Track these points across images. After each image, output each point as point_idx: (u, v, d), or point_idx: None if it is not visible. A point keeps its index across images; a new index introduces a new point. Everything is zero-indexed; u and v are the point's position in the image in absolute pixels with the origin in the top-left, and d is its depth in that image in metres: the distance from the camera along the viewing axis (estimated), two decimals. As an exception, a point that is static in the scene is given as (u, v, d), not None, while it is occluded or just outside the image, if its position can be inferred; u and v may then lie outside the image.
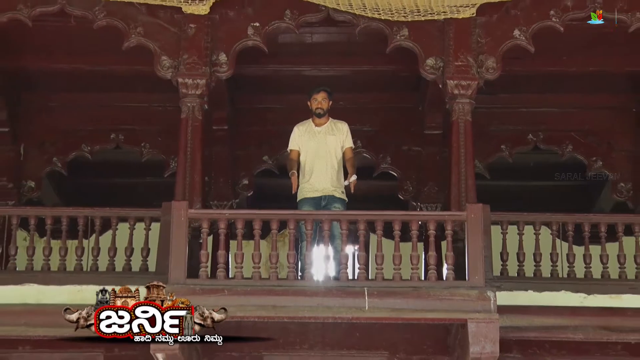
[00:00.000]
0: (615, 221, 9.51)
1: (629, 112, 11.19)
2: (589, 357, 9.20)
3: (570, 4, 9.30)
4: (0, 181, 10.98)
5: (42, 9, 9.35)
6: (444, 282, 8.63)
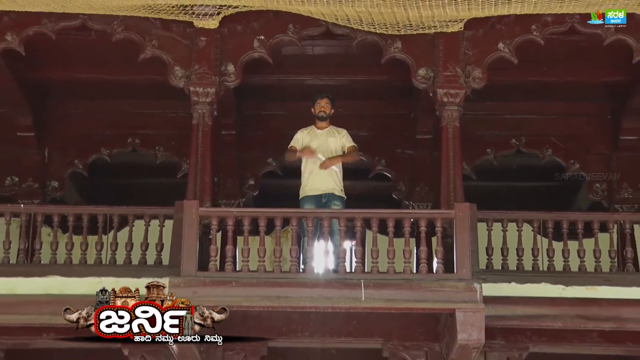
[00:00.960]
0: (591, 219, 9.51)
1: (604, 118, 11.19)
2: (567, 343, 9.23)
3: (550, 20, 9.28)
4: (27, 182, 11.01)
5: (65, 24, 9.33)
6: (434, 274, 8.63)
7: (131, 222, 9.49)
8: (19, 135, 11.05)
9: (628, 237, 9.33)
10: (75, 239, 9.24)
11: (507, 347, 9.08)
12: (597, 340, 9.12)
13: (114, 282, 8.83)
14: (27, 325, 8.96)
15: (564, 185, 12.02)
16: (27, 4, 8.94)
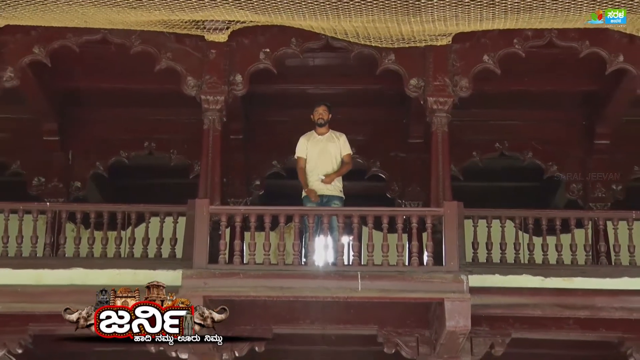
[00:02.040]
0: (568, 216, 9.53)
1: (580, 124, 11.17)
2: (546, 330, 9.21)
3: (531, 34, 9.27)
4: (52, 182, 11.00)
5: (88, 38, 9.34)
6: (425, 267, 8.63)
7: (147, 218, 9.49)
8: (45, 140, 11.04)
9: (602, 233, 9.34)
10: (96, 234, 9.25)
11: (491, 333, 9.06)
12: (574, 327, 9.12)
13: (131, 274, 8.87)
14: (52, 313, 8.91)
15: (543, 185, 12.02)
16: (53, 19, 8.93)
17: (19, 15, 8.79)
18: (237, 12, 8.78)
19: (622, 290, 8.80)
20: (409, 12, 8.59)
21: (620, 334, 9.13)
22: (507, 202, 11.12)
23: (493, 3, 8.46)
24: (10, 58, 9.40)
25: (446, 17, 8.74)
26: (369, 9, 8.51)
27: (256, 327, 9.09)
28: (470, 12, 8.62)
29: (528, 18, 8.75)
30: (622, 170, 11.01)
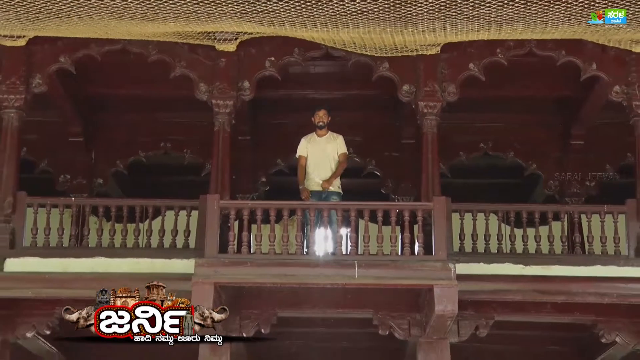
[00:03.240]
0: (546, 210, 9.52)
1: (557, 127, 11.16)
2: (526, 313, 9.21)
3: (512, 44, 9.27)
4: (77, 179, 11.01)
5: (109, 47, 9.33)
6: (416, 256, 8.62)
7: (163, 212, 9.48)
8: (70, 141, 11.04)
9: (576, 225, 9.35)
10: (117, 226, 9.25)
11: (476, 316, 9.04)
12: (551, 310, 9.11)
13: (149, 263, 8.87)
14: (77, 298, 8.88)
15: (523, 182, 12.00)
16: (77, 31, 8.93)
17: (47, 27, 8.80)
18: (245, 24, 8.78)
19: (595, 277, 8.78)
20: (402, 24, 8.59)
21: (593, 317, 9.11)
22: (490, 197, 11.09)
23: (478, 16, 8.45)
24: (39, 66, 9.39)
25: (435, 29, 8.73)
26: (365, 21, 8.51)
27: (262, 311, 9.07)
28: (457, 24, 8.62)
29: (510, 29, 8.74)
30: (595, 168, 11.00)
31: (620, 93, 9.29)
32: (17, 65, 9.31)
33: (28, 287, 8.74)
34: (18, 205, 9.10)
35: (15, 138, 9.28)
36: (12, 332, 9.05)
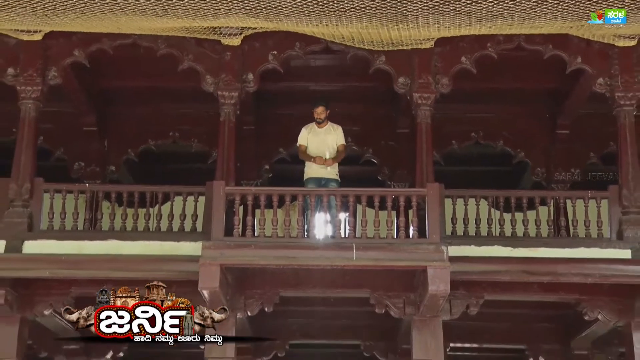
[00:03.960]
0: (534, 195, 9.52)
1: (544, 117, 11.15)
2: (514, 293, 9.22)
3: (502, 39, 9.25)
4: (90, 166, 10.99)
5: (120, 42, 9.31)
6: (411, 239, 8.62)
7: (172, 198, 9.48)
8: (84, 130, 11.03)
9: (562, 210, 9.32)
10: (128, 211, 9.23)
11: (468, 295, 9.06)
12: (538, 290, 9.13)
13: (159, 245, 8.88)
14: (91, 278, 8.97)
15: (512, 169, 12.00)
16: (90, 26, 8.91)
17: (62, 22, 8.78)
18: (249, 20, 8.75)
19: (579, 259, 8.79)
20: (397, 19, 8.57)
21: (577, 296, 9.13)
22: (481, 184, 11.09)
23: (470, 12, 8.43)
24: (54, 60, 9.38)
25: (429, 24, 8.70)
26: (362, 17, 8.49)
27: (265, 290, 9.09)
28: (450, 20, 8.59)
29: (500, 25, 8.72)
30: (579, 156, 10.99)
31: (603, 85, 9.28)
32: (34, 59, 9.30)
33: (45, 267, 8.76)
34: (35, 190, 9.11)
35: (32, 127, 9.27)
36: (30, 310, 9.07)
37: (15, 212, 8.99)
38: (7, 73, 9.34)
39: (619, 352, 10.56)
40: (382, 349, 11.15)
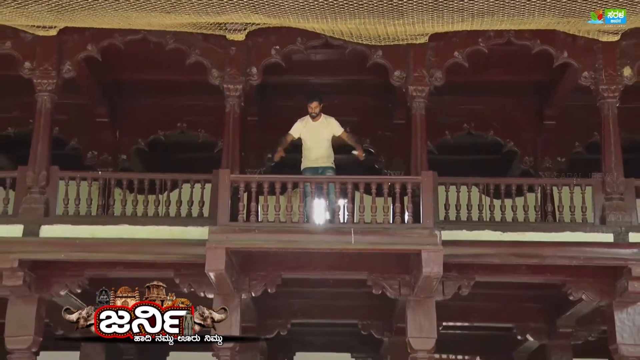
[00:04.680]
0: (522, 182, 9.56)
1: (532, 108, 11.11)
2: (504, 274, 9.23)
3: (493, 34, 9.22)
4: (103, 155, 10.99)
5: (131, 37, 9.28)
6: (406, 224, 8.64)
7: (180, 185, 9.48)
8: (97, 121, 11.01)
9: (548, 196, 9.36)
10: (139, 197, 9.23)
11: (459, 277, 9.07)
12: (525, 272, 9.14)
13: (167, 230, 8.89)
14: (104, 261, 9.01)
15: (502, 158, 11.99)
16: (103, 22, 8.89)
17: (76, 18, 8.76)
18: (253, 16, 8.74)
19: (564, 242, 8.80)
20: (393, 16, 8.56)
21: (562, 277, 9.14)
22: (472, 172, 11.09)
23: (462, 9, 8.42)
24: (68, 54, 9.35)
25: (424, 20, 8.69)
26: (360, 13, 8.47)
27: (268, 272, 9.11)
28: (443, 16, 8.59)
29: (490, 21, 8.70)
30: (565, 146, 10.99)
31: (588, 78, 9.26)
32: (50, 53, 9.28)
33: (61, 250, 8.77)
34: (51, 178, 9.11)
35: (48, 118, 9.27)
36: (47, 290, 9.09)
37: (32, 198, 8.99)
38: (24, 67, 9.31)
39: (601, 330, 10.59)
40: (378, 327, 11.19)
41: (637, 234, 8.81)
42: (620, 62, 9.19)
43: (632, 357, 8.80)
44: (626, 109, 9.60)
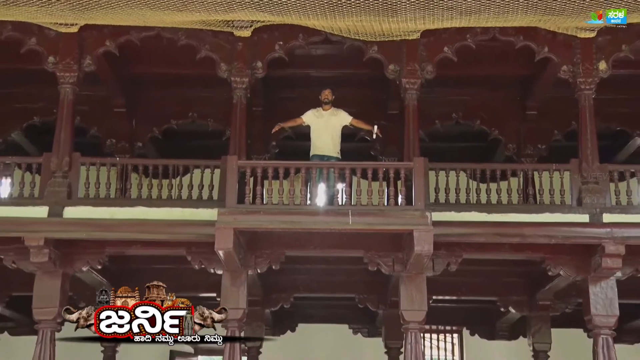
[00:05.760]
0: (506, 168, 9.61)
1: (515, 100, 11.07)
2: (488, 252, 9.24)
3: (479, 31, 9.20)
4: (120, 142, 10.98)
5: (146, 34, 9.26)
6: (399, 206, 8.66)
7: (191, 170, 9.48)
8: (115, 111, 10.99)
9: (530, 180, 9.35)
10: (153, 182, 9.24)
11: (448, 255, 9.08)
12: (509, 249, 9.15)
13: (180, 211, 8.89)
14: (122, 240, 9.03)
15: (487, 145, 11.99)
16: (120, 20, 8.88)
17: (95, 16, 8.77)
18: (258, 14, 8.72)
19: (544, 222, 8.82)
20: (388, 14, 8.54)
21: (542, 254, 9.16)
22: (460, 158, 11.13)
23: (451, 7, 8.41)
24: (89, 49, 9.34)
25: (416, 18, 8.68)
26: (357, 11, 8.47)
27: (273, 251, 9.13)
28: (434, 14, 8.58)
29: (477, 19, 8.70)
30: (545, 134, 10.97)
31: (567, 72, 9.25)
32: (71, 49, 9.26)
33: (82, 230, 8.79)
34: (73, 163, 9.12)
35: (70, 109, 9.26)
36: (70, 266, 9.12)
37: (56, 182, 9.01)
38: (48, 61, 9.30)
39: (576, 302, 10.63)
40: (373, 301, 11.24)
41: (610, 214, 8.84)
42: (596, 57, 9.17)
43: (604, 326, 8.85)
44: (601, 100, 9.60)
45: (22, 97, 11.03)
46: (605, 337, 8.83)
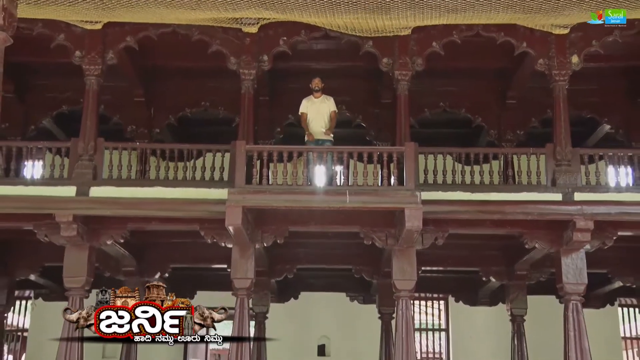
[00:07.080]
0: (488, 152, 9.62)
1: (497, 90, 11.02)
2: (472, 227, 9.26)
3: (464, 27, 9.18)
4: (140, 129, 10.95)
5: (163, 30, 9.25)
6: (392, 187, 8.70)
7: (204, 153, 9.52)
8: (135, 101, 10.96)
9: (509, 163, 9.41)
10: (170, 164, 9.26)
11: (436, 230, 9.10)
12: (490, 225, 9.18)
13: (194, 191, 8.93)
14: (142, 217, 9.08)
15: (471, 131, 11.98)
16: (139, 17, 8.88)
17: (117, 15, 8.77)
18: (264, 12, 8.71)
19: (522, 201, 8.85)
20: (382, 12, 8.53)
21: (520, 229, 9.20)
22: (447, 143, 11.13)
23: (439, 6, 8.39)
24: (111, 44, 9.33)
25: (407, 16, 8.67)
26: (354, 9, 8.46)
27: (278, 226, 9.16)
28: (423, 12, 8.57)
29: (463, 16, 8.69)
30: (524, 121, 10.97)
31: (543, 65, 9.24)
32: (96, 44, 9.26)
33: (107, 207, 8.84)
34: (98, 148, 9.15)
35: (95, 98, 9.27)
36: (97, 240, 9.18)
37: (83, 164, 9.04)
38: (75, 55, 9.30)
39: (550, 272, 10.71)
40: (368, 271, 11.30)
41: (581, 193, 8.88)
42: (569, 51, 9.17)
43: (574, 293, 8.93)
44: (574, 90, 9.58)
45: (52, 88, 11.03)
46: (575, 302, 8.91)
